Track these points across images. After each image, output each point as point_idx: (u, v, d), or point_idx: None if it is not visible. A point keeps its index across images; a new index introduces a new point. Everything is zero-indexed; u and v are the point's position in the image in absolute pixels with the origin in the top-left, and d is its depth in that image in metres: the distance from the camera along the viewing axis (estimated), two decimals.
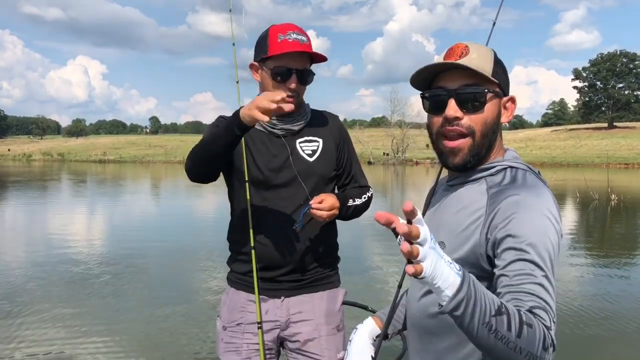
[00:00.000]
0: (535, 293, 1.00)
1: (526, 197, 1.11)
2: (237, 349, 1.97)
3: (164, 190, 24.35)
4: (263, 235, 1.92)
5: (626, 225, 12.71)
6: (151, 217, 14.01)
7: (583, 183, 20.04)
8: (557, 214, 1.12)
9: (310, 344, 1.95)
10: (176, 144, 77.17)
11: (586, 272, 7.38)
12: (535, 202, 1.10)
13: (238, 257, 2.01)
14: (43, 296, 5.98)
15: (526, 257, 1.04)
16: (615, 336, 4.80)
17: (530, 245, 1.04)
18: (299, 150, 1.95)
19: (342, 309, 2.06)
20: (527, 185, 1.15)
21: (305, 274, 1.96)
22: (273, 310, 1.96)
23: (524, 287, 1.01)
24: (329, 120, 2.05)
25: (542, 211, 1.09)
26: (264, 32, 1.92)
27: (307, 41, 1.87)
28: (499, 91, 1.21)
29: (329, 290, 2.02)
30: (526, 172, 1.20)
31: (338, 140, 2.03)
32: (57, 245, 9.09)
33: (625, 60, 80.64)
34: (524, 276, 1.02)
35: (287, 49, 1.82)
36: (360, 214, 2.05)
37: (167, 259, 8.21)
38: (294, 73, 1.86)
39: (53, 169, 42.70)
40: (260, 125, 1.94)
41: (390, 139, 56.88)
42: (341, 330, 2.03)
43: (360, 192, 2.05)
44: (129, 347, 4.50)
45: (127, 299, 5.99)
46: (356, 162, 2.11)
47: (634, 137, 61.56)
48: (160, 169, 44.63)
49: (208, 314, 5.35)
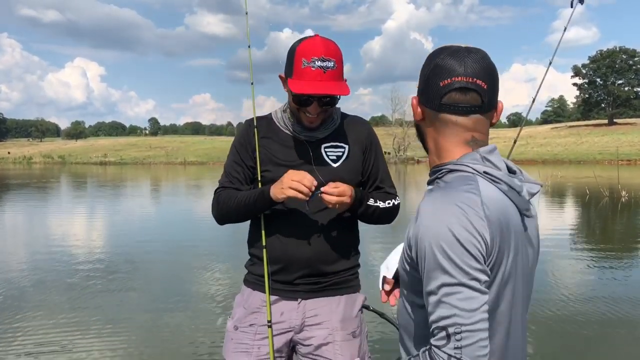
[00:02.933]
0: (437, 319, 1.00)
1: (430, 202, 1.08)
2: (247, 350, 1.94)
3: (172, 191, 24.30)
4: (281, 238, 1.92)
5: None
6: (159, 217, 13.99)
7: (588, 180, 20.02)
8: (461, 215, 1.02)
9: (324, 348, 1.92)
10: (177, 145, 77.08)
11: (609, 272, 7.35)
12: (435, 206, 1.06)
13: (255, 261, 2.00)
14: (45, 294, 5.98)
15: (428, 278, 1.02)
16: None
17: (428, 258, 1.02)
18: (323, 155, 1.95)
19: (359, 314, 2.02)
20: (443, 189, 1.11)
21: (324, 277, 1.95)
22: (289, 312, 1.95)
23: (432, 317, 1.01)
24: (358, 126, 2.04)
25: (437, 214, 1.04)
26: (292, 45, 1.88)
27: (332, 67, 1.81)
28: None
29: (347, 295, 1.99)
30: (457, 175, 1.13)
31: (365, 146, 2.02)
32: (67, 247, 9.08)
33: (625, 56, 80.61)
34: (432, 305, 1.01)
35: (303, 89, 1.80)
36: (385, 220, 2.03)
37: (172, 259, 8.21)
38: (315, 101, 1.85)
39: (55, 172, 42.61)
40: (287, 128, 1.97)
41: (391, 137, 56.92)
42: (357, 337, 1.98)
43: (385, 197, 2.02)
44: (130, 346, 4.52)
45: (128, 298, 6.01)
46: (384, 169, 2.08)
47: (634, 134, 61.51)
48: (163, 171, 44.49)
49: (210, 313, 5.39)
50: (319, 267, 1.93)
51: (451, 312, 0.98)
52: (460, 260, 0.99)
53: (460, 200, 1.05)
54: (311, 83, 1.79)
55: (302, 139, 1.95)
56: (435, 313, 1.00)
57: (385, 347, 4.15)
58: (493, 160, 1.14)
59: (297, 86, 1.80)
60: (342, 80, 1.86)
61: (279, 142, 1.96)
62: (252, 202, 1.87)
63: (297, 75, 1.81)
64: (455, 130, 1.16)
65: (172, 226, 12.41)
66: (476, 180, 1.09)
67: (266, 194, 1.82)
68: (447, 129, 1.16)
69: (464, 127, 1.15)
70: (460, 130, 1.16)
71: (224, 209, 1.94)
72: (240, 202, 1.90)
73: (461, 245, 1.00)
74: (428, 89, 1.16)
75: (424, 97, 1.18)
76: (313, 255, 1.91)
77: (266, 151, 1.95)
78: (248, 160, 1.98)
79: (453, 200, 1.05)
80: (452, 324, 0.97)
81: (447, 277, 0.99)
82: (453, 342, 0.97)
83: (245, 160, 1.98)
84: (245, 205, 1.89)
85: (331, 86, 1.81)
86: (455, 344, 0.96)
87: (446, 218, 1.02)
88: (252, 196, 1.87)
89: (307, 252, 1.90)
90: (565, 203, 16.96)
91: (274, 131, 1.98)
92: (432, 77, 1.15)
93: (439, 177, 1.17)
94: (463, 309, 0.97)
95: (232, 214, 1.94)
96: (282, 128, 1.98)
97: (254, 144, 1.96)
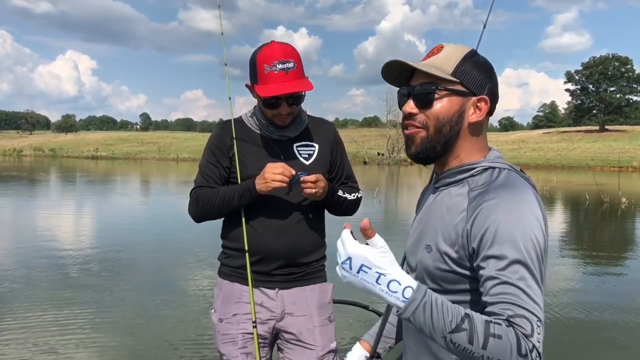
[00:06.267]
0: (515, 302, 1.01)
1: (506, 199, 1.11)
2: (233, 340, 2.07)
3: (164, 187, 24.14)
4: (258, 230, 2.05)
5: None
6: (149, 212, 13.89)
7: (584, 186, 20.11)
8: (540, 214, 1.11)
9: (305, 334, 2.09)
10: (169, 141, 76.67)
11: (614, 277, 7.34)
12: (515, 203, 1.10)
13: (231, 253, 2.13)
14: (31, 290, 5.89)
15: (508, 265, 1.04)
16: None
17: (512, 251, 1.05)
18: (296, 153, 2.11)
19: (331, 301, 2.20)
20: (508, 186, 1.15)
21: (299, 268, 2.10)
22: (268, 301, 2.08)
23: (504, 297, 1.02)
24: (325, 127, 2.22)
25: (522, 212, 1.09)
26: (252, 55, 2.03)
27: (293, 67, 1.96)
28: (461, 90, 1.21)
29: (319, 284, 2.16)
30: (508, 172, 1.20)
31: (332, 146, 2.20)
32: (66, 242, 8.97)
33: (617, 64, 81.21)
34: (505, 285, 1.03)
35: (271, 92, 1.93)
36: (350, 211, 2.22)
37: (162, 254, 8.19)
38: (283, 101, 1.98)
39: (47, 165, 42.23)
40: (259, 128, 2.12)
41: (384, 139, 56.90)
42: (333, 321, 2.18)
43: (351, 190, 2.21)
44: (118, 342, 4.50)
45: (117, 293, 6.01)
46: (348, 166, 2.28)
47: (625, 140, 62.05)
48: (155, 166, 44.28)
49: (198, 306, 5.46)
50: (295, 258, 2.08)
51: (534, 307, 1.01)
52: (538, 262, 1.06)
53: (533, 203, 1.12)
54: (277, 85, 1.94)
55: (275, 138, 2.10)
56: (518, 300, 1.01)
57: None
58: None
59: (265, 90, 1.95)
60: (304, 78, 2.02)
61: (252, 143, 2.11)
62: (235, 198, 2.01)
63: (262, 80, 1.97)
64: (486, 130, 1.28)
65: (161, 220, 12.38)
66: (529, 184, 1.17)
67: (252, 189, 1.97)
68: (485, 129, 1.27)
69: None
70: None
71: (205, 206, 2.06)
72: (223, 199, 2.03)
73: (540, 249, 1.07)
74: (496, 89, 1.26)
75: (493, 97, 1.25)
76: (289, 247, 2.05)
77: (241, 151, 2.09)
78: (224, 161, 2.11)
79: (529, 201, 1.12)
80: (536, 318, 1.00)
81: (528, 273, 1.04)
82: (536, 335, 0.99)
83: (221, 161, 2.11)
84: (228, 202, 2.02)
85: (295, 85, 1.97)
86: (537, 337, 0.99)
87: (528, 219, 1.08)
88: (235, 192, 2.02)
89: (283, 244, 2.04)
90: (566, 208, 17.02)
91: (247, 132, 2.13)
92: (496, 80, 1.27)
93: (474, 175, 1.21)
94: (542, 307, 1.03)
95: (214, 211, 2.07)
96: (254, 129, 2.13)
97: (228, 145, 2.10)
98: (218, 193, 2.04)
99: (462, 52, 1.24)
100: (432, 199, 1.32)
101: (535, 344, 0.98)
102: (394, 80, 1.30)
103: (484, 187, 1.17)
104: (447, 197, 1.24)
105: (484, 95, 1.22)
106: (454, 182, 1.24)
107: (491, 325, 0.97)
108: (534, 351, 0.98)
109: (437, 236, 1.20)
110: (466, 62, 1.22)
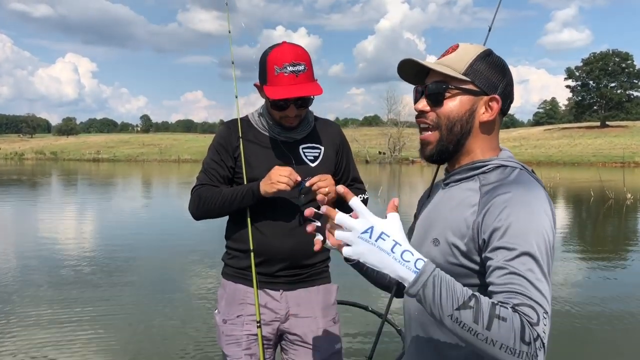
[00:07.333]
0: (522, 292, 1.02)
1: (518, 194, 1.13)
2: (237, 341, 2.06)
3: (167, 188, 24.13)
4: (263, 231, 2.04)
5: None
6: (151, 213, 13.88)
7: (588, 182, 20.08)
8: (550, 211, 1.14)
9: (310, 336, 2.07)
10: (170, 143, 76.71)
11: (623, 272, 7.33)
12: (527, 198, 1.12)
13: (236, 254, 2.11)
14: (32, 290, 5.91)
15: (517, 256, 1.05)
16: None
17: (522, 244, 1.06)
18: (301, 155, 2.09)
19: (336, 303, 2.19)
20: (520, 183, 1.17)
21: (303, 269, 2.08)
22: (272, 302, 2.07)
23: (512, 286, 1.03)
24: (331, 129, 2.21)
25: (534, 208, 1.11)
26: (263, 55, 2.01)
27: (303, 70, 1.94)
28: (473, 89, 1.23)
29: (323, 285, 2.15)
30: (520, 171, 1.22)
31: (338, 148, 2.18)
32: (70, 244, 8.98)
33: (618, 59, 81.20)
34: (513, 275, 1.04)
35: (279, 95, 1.92)
36: None
37: (165, 255, 8.22)
38: (291, 103, 1.97)
39: (49, 168, 42.28)
40: (266, 129, 2.09)
41: (385, 137, 56.98)
42: (337, 323, 2.17)
43: (357, 192, 2.19)
44: (119, 342, 4.50)
45: (121, 293, 6.03)
46: (353, 167, 2.26)
47: (626, 136, 62.07)
48: (157, 168, 44.32)
49: (201, 307, 5.46)
50: (299, 259, 2.06)
51: (541, 298, 1.02)
52: (547, 257, 1.07)
53: (544, 200, 1.14)
54: (286, 88, 1.92)
55: (281, 139, 2.08)
56: (525, 290, 1.02)
57: (385, 347, 4.05)
58: None
59: (274, 92, 1.93)
60: (314, 81, 1.99)
61: (259, 144, 2.08)
62: (238, 199, 1.99)
63: (272, 82, 1.95)
64: (498, 129, 1.30)
65: (164, 221, 12.39)
66: (539, 184, 1.20)
67: (256, 190, 1.95)
68: (497, 128, 1.28)
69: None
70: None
71: (207, 204, 2.04)
72: (225, 199, 2.01)
73: (550, 245, 1.09)
74: (510, 89, 1.28)
75: (505, 97, 1.26)
76: (294, 248, 2.03)
77: (247, 152, 2.06)
78: (228, 161, 2.09)
79: (540, 197, 1.14)
80: (542, 310, 1.01)
81: (537, 266, 1.05)
82: (542, 325, 0.99)
83: (226, 161, 2.09)
84: (231, 202, 2.01)
85: (305, 88, 1.94)
86: (543, 327, 0.99)
87: (540, 215, 1.11)
88: (238, 192, 2.00)
89: (288, 245, 2.03)
90: (571, 205, 17.00)
91: (253, 132, 2.11)
92: (511, 80, 1.28)
93: (485, 172, 1.23)
94: (549, 301, 1.03)
95: (215, 210, 2.05)
96: (260, 130, 2.10)
97: (234, 144, 2.07)
98: (221, 192, 2.03)
99: (476, 51, 1.26)
100: (440, 195, 1.33)
101: (540, 333, 0.98)
102: (412, 78, 1.32)
103: (496, 184, 1.18)
104: (457, 192, 1.25)
105: (496, 94, 1.24)
106: (465, 179, 1.25)
107: (497, 307, 0.98)
108: (539, 340, 0.97)
109: (445, 229, 1.21)
110: (479, 62, 1.24)
